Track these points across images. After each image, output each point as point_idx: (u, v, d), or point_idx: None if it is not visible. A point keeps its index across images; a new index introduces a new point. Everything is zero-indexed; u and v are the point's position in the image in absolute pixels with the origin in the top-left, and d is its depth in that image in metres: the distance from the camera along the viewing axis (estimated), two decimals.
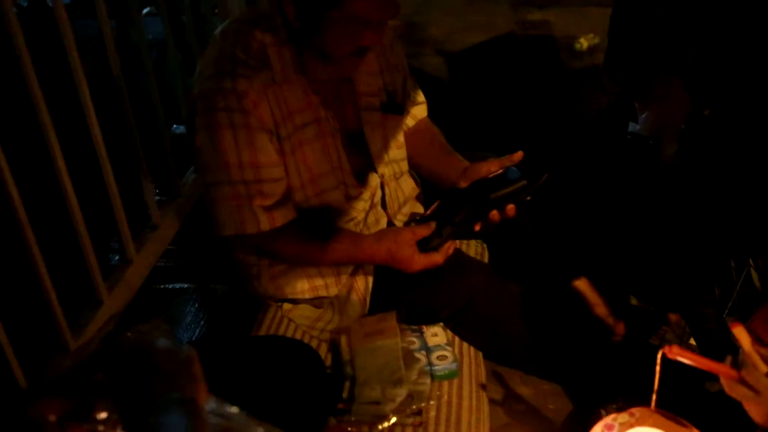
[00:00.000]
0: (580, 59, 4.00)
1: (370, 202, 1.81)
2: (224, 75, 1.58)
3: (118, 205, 1.85)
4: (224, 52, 1.61)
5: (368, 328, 1.71)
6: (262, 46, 1.61)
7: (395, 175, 1.88)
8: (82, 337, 1.65)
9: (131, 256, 1.90)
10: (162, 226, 2.08)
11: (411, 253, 1.66)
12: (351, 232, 1.75)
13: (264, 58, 1.60)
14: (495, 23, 4.47)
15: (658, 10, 2.08)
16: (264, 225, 1.63)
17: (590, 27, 4.14)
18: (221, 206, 1.63)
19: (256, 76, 1.58)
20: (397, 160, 1.88)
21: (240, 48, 1.60)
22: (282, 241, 1.68)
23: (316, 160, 1.69)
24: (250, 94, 1.57)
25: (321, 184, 1.71)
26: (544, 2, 4.73)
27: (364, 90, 1.78)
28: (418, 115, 1.98)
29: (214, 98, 1.57)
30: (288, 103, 1.63)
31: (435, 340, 1.72)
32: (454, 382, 1.65)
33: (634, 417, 1.33)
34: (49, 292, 1.54)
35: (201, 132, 1.60)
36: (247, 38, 1.61)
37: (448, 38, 4.28)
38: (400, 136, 1.88)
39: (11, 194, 1.44)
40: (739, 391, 1.19)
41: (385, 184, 1.84)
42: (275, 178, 1.63)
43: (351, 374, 1.61)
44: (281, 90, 1.62)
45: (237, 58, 1.59)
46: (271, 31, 1.61)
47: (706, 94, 1.83)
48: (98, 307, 1.74)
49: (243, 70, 1.58)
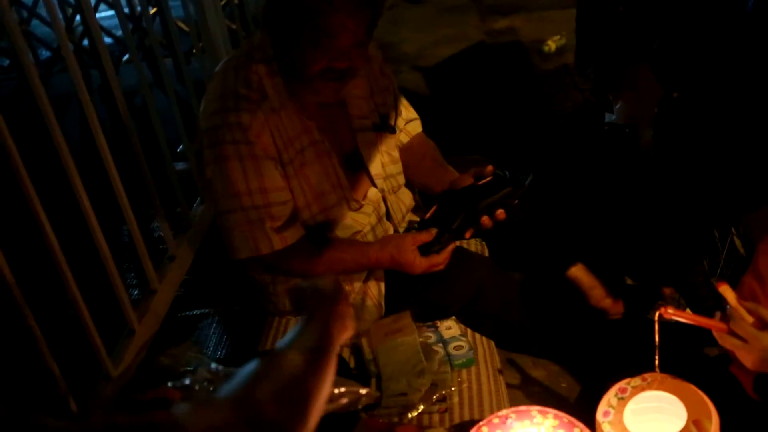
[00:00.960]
0: (550, 61, 4.10)
1: (376, 216, 1.91)
2: (228, 110, 1.68)
3: (140, 240, 1.95)
4: (227, 88, 1.72)
5: (386, 329, 1.82)
6: (260, 78, 1.71)
7: (393, 189, 1.98)
8: (121, 364, 1.75)
9: (155, 287, 2.01)
10: (179, 256, 2.19)
11: (413, 257, 1.76)
12: (356, 242, 1.86)
13: (263, 89, 1.70)
14: (464, 35, 4.56)
15: (619, 5, 2.21)
16: (277, 244, 1.73)
17: (555, 29, 4.25)
18: (235, 232, 1.73)
19: (257, 108, 1.68)
20: (394, 175, 1.98)
21: (241, 83, 1.70)
22: (294, 257, 1.78)
23: (317, 179, 1.79)
24: (253, 126, 1.67)
25: (324, 201, 1.81)
26: (509, 10, 4.84)
27: (357, 113, 1.89)
28: (412, 131, 2.08)
29: (221, 132, 1.68)
30: (287, 129, 1.73)
31: (449, 332, 1.84)
32: (472, 370, 1.76)
33: (646, 381, 1.44)
34: (89, 327, 1.65)
35: (211, 165, 1.71)
36: (246, 73, 1.71)
37: (421, 54, 4.38)
38: (394, 152, 1.98)
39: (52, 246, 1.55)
40: (730, 341, 1.31)
41: (386, 198, 1.95)
42: (282, 201, 1.73)
43: (376, 372, 1.72)
44: (280, 118, 1.72)
45: (239, 94, 1.69)
46: (264, 63, 1.72)
47: (674, 78, 1.96)
48: (131, 336, 1.84)
49: (245, 104, 1.68)
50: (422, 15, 5.04)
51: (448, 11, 5.01)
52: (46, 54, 5.19)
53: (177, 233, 2.31)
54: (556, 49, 4.17)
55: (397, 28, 4.79)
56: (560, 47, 4.16)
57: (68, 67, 1.76)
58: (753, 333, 1.27)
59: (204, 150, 1.73)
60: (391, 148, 1.97)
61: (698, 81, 1.86)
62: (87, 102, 1.77)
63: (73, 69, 1.76)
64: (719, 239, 2.11)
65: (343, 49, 1.63)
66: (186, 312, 2.30)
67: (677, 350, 1.57)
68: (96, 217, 1.76)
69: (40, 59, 5.19)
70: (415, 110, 2.11)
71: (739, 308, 1.31)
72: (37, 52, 5.21)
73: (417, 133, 2.10)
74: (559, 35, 4.19)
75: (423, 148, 2.08)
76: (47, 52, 5.16)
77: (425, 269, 1.78)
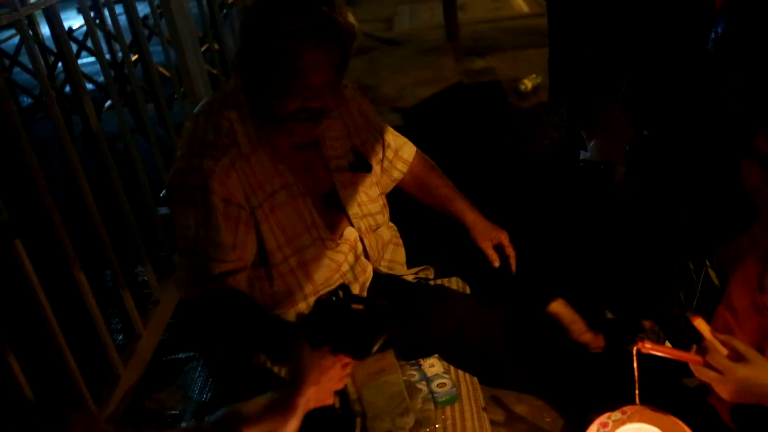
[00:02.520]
0: (526, 99, 4.18)
1: (353, 254, 1.92)
2: (192, 156, 1.69)
3: (124, 286, 1.96)
4: (196, 134, 1.73)
5: (369, 368, 1.83)
6: (231, 124, 1.72)
7: (371, 228, 1.99)
8: (105, 409, 1.75)
9: (140, 332, 2.01)
10: (163, 300, 2.20)
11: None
12: None
13: (233, 135, 1.71)
14: (442, 76, 4.64)
15: (588, 48, 2.28)
16: (192, 293, 1.69)
17: (531, 68, 4.36)
18: (180, 272, 1.75)
19: (222, 155, 1.68)
20: (372, 214, 1.98)
21: (210, 129, 1.71)
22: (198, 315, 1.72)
23: (289, 221, 1.79)
24: (215, 172, 1.66)
25: (298, 243, 1.81)
26: (485, 51, 4.95)
27: (332, 153, 1.90)
28: (408, 157, 2.12)
29: (183, 176, 1.68)
30: (256, 174, 1.74)
31: (432, 370, 1.86)
32: (455, 407, 1.78)
33: (626, 414, 1.46)
34: (74, 373, 1.65)
35: (173, 206, 1.72)
36: (217, 119, 1.72)
37: (400, 95, 4.45)
38: (371, 191, 1.99)
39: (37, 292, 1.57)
40: (706, 374, 1.34)
41: (363, 237, 1.95)
42: (222, 259, 1.68)
43: (360, 411, 1.73)
44: (249, 163, 1.72)
45: (206, 140, 1.70)
46: (236, 108, 1.73)
47: (642, 117, 2.02)
48: (116, 381, 1.84)
49: (209, 151, 1.68)
50: (400, 57, 5.13)
51: (425, 53, 5.11)
52: (28, 101, 5.22)
53: (161, 277, 2.32)
54: (532, 87, 4.26)
55: (376, 70, 4.87)
56: (536, 86, 4.25)
57: (51, 113, 1.79)
58: (728, 365, 1.30)
59: (169, 192, 1.75)
60: (368, 187, 1.98)
61: (666, 119, 1.92)
62: (70, 147, 1.80)
63: (56, 115, 1.79)
64: (694, 271, 2.15)
65: (316, 89, 1.64)
66: (171, 356, 2.30)
67: (657, 382, 1.60)
68: (80, 263, 1.77)
69: (22, 106, 5.22)
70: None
71: (714, 341, 1.35)
72: (18, 99, 5.24)
73: (413, 159, 2.13)
74: (534, 74, 4.29)
75: (424, 177, 2.14)
76: (29, 99, 5.19)
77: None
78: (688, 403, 1.63)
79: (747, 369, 1.29)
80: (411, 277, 2.09)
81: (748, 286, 1.52)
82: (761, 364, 1.29)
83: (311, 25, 1.58)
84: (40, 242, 1.82)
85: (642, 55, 2.00)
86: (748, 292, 1.51)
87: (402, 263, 2.12)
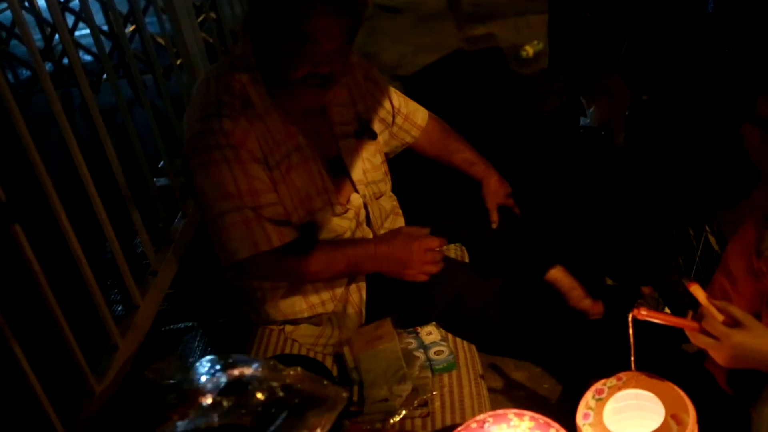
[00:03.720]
0: (528, 66, 4.13)
1: (356, 221, 1.93)
2: (210, 117, 1.70)
3: (121, 257, 1.96)
4: (209, 96, 1.73)
5: (367, 336, 1.84)
6: (243, 86, 1.73)
7: (375, 195, 2.00)
8: (104, 380, 1.76)
9: (137, 302, 2.02)
10: (161, 271, 2.20)
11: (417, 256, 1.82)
12: (351, 239, 1.89)
13: (245, 97, 1.72)
14: (443, 42, 4.59)
15: (586, 12, 2.25)
16: (275, 240, 1.72)
17: (533, 34, 4.29)
18: (231, 233, 1.71)
19: (239, 115, 1.70)
20: (376, 182, 2.00)
21: (223, 91, 1.72)
22: (290, 256, 1.76)
23: (303, 183, 1.81)
24: (236, 131, 1.69)
25: (310, 205, 1.83)
26: (486, 17, 4.87)
27: (338, 120, 1.91)
28: (421, 122, 2.15)
29: (205, 139, 1.69)
30: (272, 134, 1.75)
31: (430, 338, 1.86)
32: (453, 374, 1.78)
33: (621, 380, 1.46)
34: (72, 344, 1.66)
35: (198, 171, 1.71)
36: (229, 81, 1.73)
37: (399, 63, 4.40)
38: (375, 159, 2.00)
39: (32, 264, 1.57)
40: (702, 340, 1.34)
41: (368, 204, 1.97)
42: (273, 202, 1.74)
43: (358, 379, 1.74)
44: (265, 123, 1.74)
45: (221, 101, 1.71)
46: (247, 71, 1.74)
47: (642, 82, 2.00)
48: (115, 352, 1.85)
49: (227, 111, 1.70)
50: (400, 24, 5.07)
51: (425, 20, 5.05)
52: (27, 74, 5.19)
53: (159, 248, 2.32)
54: (534, 54, 4.21)
55: (375, 38, 4.81)
56: (538, 52, 4.20)
57: (44, 88, 1.77)
58: (723, 331, 1.29)
59: (189, 159, 1.73)
60: (372, 154, 2.00)
61: (666, 83, 1.90)
62: (63, 122, 1.78)
63: (49, 90, 1.77)
64: (694, 237, 2.14)
65: (326, 55, 1.65)
66: (170, 326, 2.31)
67: (656, 348, 1.60)
68: (76, 234, 1.77)
69: (21, 79, 5.19)
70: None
71: (710, 307, 1.34)
72: (17, 72, 5.20)
73: (427, 124, 2.16)
74: (536, 40, 4.23)
75: (443, 141, 2.18)
76: (28, 71, 5.16)
77: (421, 270, 1.83)
78: (685, 369, 1.64)
79: (742, 335, 1.28)
80: None
81: (746, 251, 1.51)
82: (756, 330, 1.29)
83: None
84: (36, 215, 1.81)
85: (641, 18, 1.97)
86: (746, 257, 1.51)
87: None
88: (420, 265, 1.83)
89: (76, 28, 5.03)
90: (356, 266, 1.84)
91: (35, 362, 1.56)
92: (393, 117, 2.09)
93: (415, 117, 2.15)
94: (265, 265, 1.78)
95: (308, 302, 1.88)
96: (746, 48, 1.65)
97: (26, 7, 4.92)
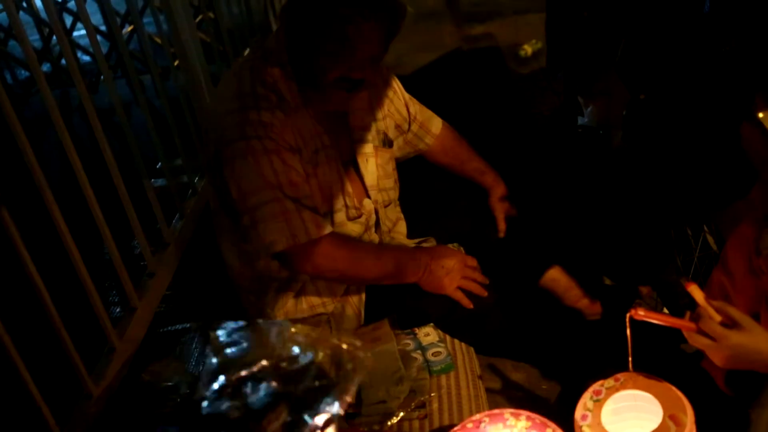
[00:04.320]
0: (526, 65, 4.13)
1: (366, 226, 1.94)
2: (248, 108, 1.68)
3: (118, 259, 1.96)
4: (243, 87, 1.72)
5: (365, 338, 1.83)
6: (275, 81, 1.72)
7: (385, 202, 2.01)
8: (102, 382, 1.76)
9: (135, 304, 2.01)
10: (158, 273, 2.20)
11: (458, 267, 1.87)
12: (389, 244, 1.94)
13: (279, 91, 1.72)
14: (441, 41, 4.59)
15: (584, 11, 2.25)
16: (313, 232, 1.69)
17: (532, 33, 4.29)
18: (270, 224, 1.68)
19: (276, 108, 1.69)
20: (387, 189, 2.00)
21: (259, 83, 1.71)
22: (325, 250, 1.74)
23: (328, 182, 1.81)
24: (274, 124, 1.68)
25: (332, 204, 1.83)
26: (485, 16, 4.87)
27: (358, 124, 1.91)
28: (435, 129, 2.16)
29: (244, 128, 1.66)
30: (302, 131, 1.75)
31: (428, 339, 1.86)
32: (451, 375, 1.78)
33: (619, 381, 1.45)
34: (69, 346, 1.65)
35: (236, 161, 1.67)
36: (262, 74, 1.72)
37: (399, 61, 4.39)
38: (388, 166, 2.01)
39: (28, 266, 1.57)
40: (699, 340, 1.33)
41: (378, 210, 1.97)
42: (308, 194, 1.73)
43: None
44: (296, 119, 1.73)
45: (257, 93, 1.70)
46: (280, 66, 1.72)
47: (639, 81, 2.00)
48: (112, 354, 1.85)
49: (264, 104, 1.69)
50: None
51: (424, 18, 5.04)
52: (25, 74, 5.18)
53: (157, 249, 2.32)
54: (532, 53, 4.21)
55: None
56: (536, 51, 4.20)
57: (40, 90, 1.76)
58: (721, 332, 1.29)
59: (224, 149, 1.69)
60: (386, 161, 2.00)
61: (663, 82, 1.89)
62: (60, 124, 1.78)
63: (45, 92, 1.77)
64: (692, 237, 2.14)
65: (363, 60, 1.65)
66: (167, 327, 2.30)
67: (654, 348, 1.59)
68: (73, 236, 1.76)
69: (19, 79, 5.18)
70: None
71: (708, 307, 1.34)
72: (15, 72, 5.20)
73: (441, 132, 2.18)
74: (535, 40, 4.23)
75: (456, 150, 2.21)
76: (26, 72, 5.15)
77: (460, 283, 1.87)
78: (683, 369, 1.63)
79: (740, 335, 1.28)
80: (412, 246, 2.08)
81: (745, 249, 1.51)
82: (754, 331, 1.28)
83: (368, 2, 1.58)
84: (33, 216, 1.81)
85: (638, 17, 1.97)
86: (745, 256, 1.51)
87: (403, 234, 2.13)
88: (459, 278, 1.86)
89: (75, 28, 5.03)
90: (403, 269, 1.84)
91: (32, 364, 1.56)
92: (409, 124, 2.10)
93: (430, 125, 2.16)
94: (318, 254, 1.73)
95: (309, 302, 1.88)
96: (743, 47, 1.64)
97: (24, 8, 4.93)
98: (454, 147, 2.21)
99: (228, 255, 1.94)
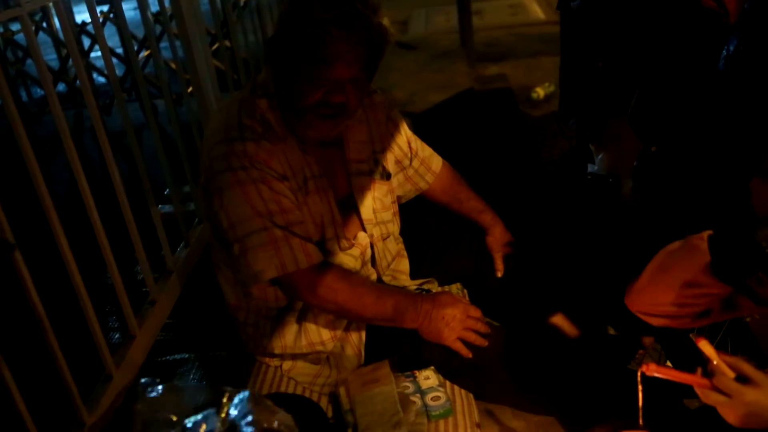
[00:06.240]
0: (538, 107, 4.16)
1: (361, 260, 1.92)
2: (233, 140, 1.70)
3: (120, 285, 1.94)
4: (231, 119, 1.74)
5: (365, 378, 1.81)
6: (263, 112, 1.74)
7: (382, 236, 2.00)
8: (95, 411, 1.73)
9: (134, 332, 1.99)
10: (159, 301, 2.18)
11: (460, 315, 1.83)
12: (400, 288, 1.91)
13: (266, 122, 1.74)
14: (454, 81, 4.63)
15: (598, 61, 2.26)
16: (302, 262, 1.69)
17: (544, 76, 4.32)
18: (258, 253, 1.68)
19: (261, 138, 1.71)
20: (385, 222, 2.00)
21: (245, 114, 1.74)
22: (320, 280, 1.73)
23: (318, 211, 1.82)
24: (259, 153, 1.69)
25: (322, 232, 1.83)
26: (499, 57, 4.92)
27: (354, 156, 1.92)
28: (435, 168, 2.17)
29: (230, 159, 1.68)
30: (290, 160, 1.76)
31: (427, 383, 1.83)
32: (449, 421, 1.75)
33: None
34: (65, 374, 1.63)
35: (224, 192, 1.69)
36: (249, 106, 1.75)
37: (411, 99, 4.44)
38: (386, 199, 2.00)
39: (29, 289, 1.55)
40: (713, 397, 1.30)
41: (374, 244, 1.96)
42: (300, 220, 1.73)
43: (353, 422, 1.71)
44: (284, 148, 1.75)
45: (243, 124, 1.72)
46: (266, 97, 1.75)
47: (651, 133, 1.99)
48: (108, 382, 1.82)
49: (249, 134, 1.71)
50: (413, 61, 5.12)
51: (438, 58, 5.09)
52: (41, 92, 5.24)
53: (159, 276, 2.31)
54: (544, 96, 4.23)
55: (388, 73, 4.85)
56: (549, 94, 4.22)
57: (52, 111, 1.77)
58: (736, 388, 1.26)
59: (212, 180, 1.72)
60: (384, 194, 2.00)
61: (675, 136, 1.89)
62: (69, 145, 1.78)
63: (57, 112, 1.77)
64: None
65: (339, 82, 1.66)
66: (166, 357, 2.28)
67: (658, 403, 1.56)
68: (76, 258, 1.75)
69: (34, 98, 5.23)
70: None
71: (721, 364, 1.31)
72: (30, 91, 5.25)
73: (441, 171, 2.19)
74: (548, 83, 4.25)
75: (455, 188, 2.22)
76: (42, 90, 5.20)
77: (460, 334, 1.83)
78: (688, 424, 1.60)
79: (755, 392, 1.25)
80: (414, 288, 2.07)
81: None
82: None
83: (341, 16, 1.60)
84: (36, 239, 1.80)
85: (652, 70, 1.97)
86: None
87: (406, 273, 2.12)
88: (460, 329, 1.82)
89: (93, 49, 5.09)
90: (401, 314, 1.80)
91: (26, 390, 1.54)
92: (410, 160, 2.11)
93: (431, 162, 2.17)
94: (321, 284, 1.73)
95: (308, 339, 1.86)
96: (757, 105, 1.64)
97: (44, 28, 4.99)
98: (453, 185, 2.22)
99: (225, 287, 1.93)
